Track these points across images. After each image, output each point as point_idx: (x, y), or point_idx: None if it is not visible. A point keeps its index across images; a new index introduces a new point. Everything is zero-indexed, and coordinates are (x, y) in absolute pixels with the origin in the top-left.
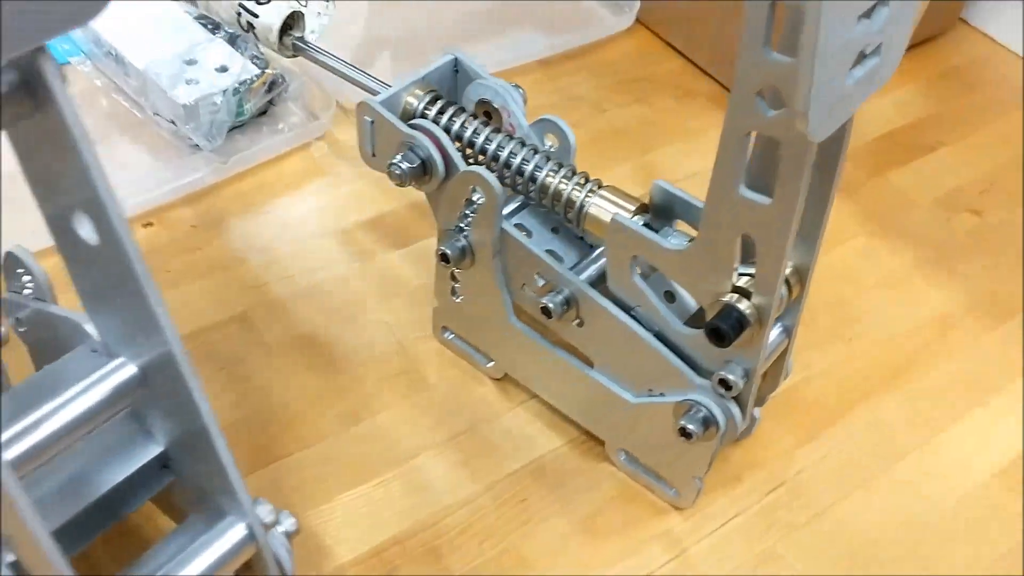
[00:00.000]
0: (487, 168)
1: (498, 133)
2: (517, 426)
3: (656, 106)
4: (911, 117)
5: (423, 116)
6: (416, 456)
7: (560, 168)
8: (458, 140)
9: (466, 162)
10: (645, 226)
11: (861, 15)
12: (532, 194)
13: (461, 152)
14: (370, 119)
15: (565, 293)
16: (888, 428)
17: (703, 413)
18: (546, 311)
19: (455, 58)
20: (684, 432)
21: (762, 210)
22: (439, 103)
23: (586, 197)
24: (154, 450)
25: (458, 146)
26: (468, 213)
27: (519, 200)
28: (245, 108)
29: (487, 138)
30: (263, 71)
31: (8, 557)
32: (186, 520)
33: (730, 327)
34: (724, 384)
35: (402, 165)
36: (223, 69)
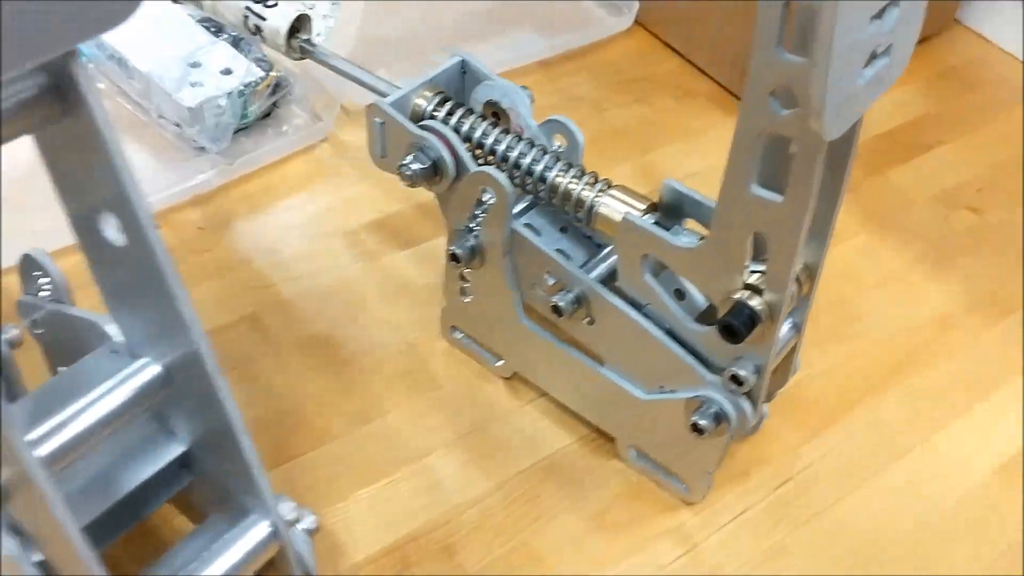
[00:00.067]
0: (497, 168)
1: (507, 134)
2: (527, 424)
3: (656, 106)
4: (910, 116)
5: (432, 117)
6: (427, 455)
7: (570, 168)
8: (467, 141)
9: (475, 163)
10: (656, 225)
11: (873, 16)
12: (542, 194)
13: (470, 153)
14: (380, 120)
15: (576, 292)
16: (890, 425)
17: (715, 409)
18: (557, 310)
19: (463, 60)
20: (696, 428)
21: (774, 208)
22: (448, 104)
23: (596, 197)
24: (176, 449)
25: (467, 147)
26: (478, 213)
27: (527, 200)
28: (249, 110)
29: (496, 139)
30: (267, 73)
31: (35, 556)
32: (207, 519)
33: (742, 324)
34: (735, 380)
35: (413, 166)
36: (227, 72)
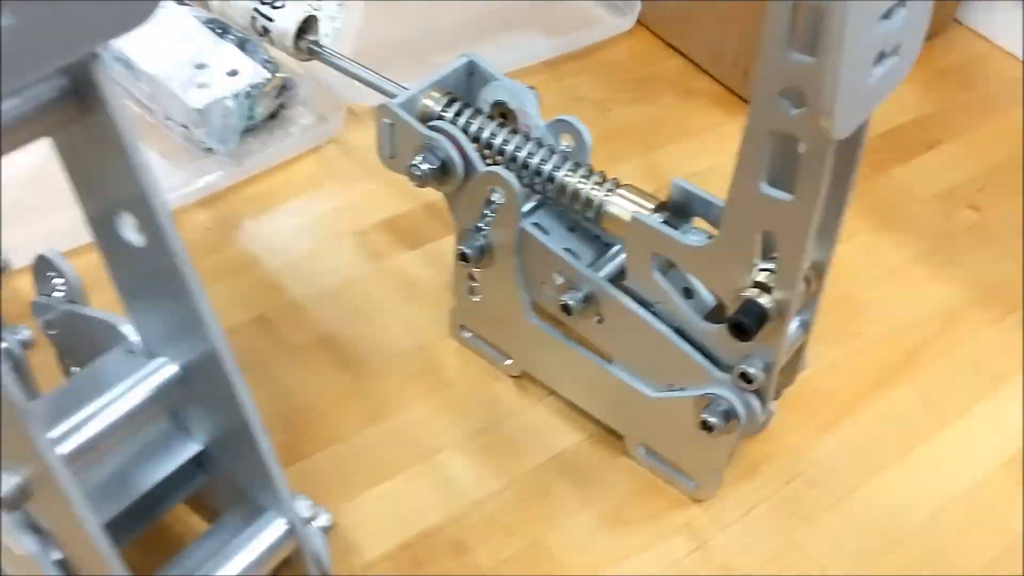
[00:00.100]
0: (506, 168)
1: (515, 134)
2: (536, 422)
3: (658, 106)
4: (910, 115)
5: (440, 118)
6: (438, 453)
7: (578, 168)
8: (476, 141)
9: (484, 163)
10: (664, 224)
11: (882, 15)
12: (550, 194)
13: (479, 153)
14: (389, 121)
15: (585, 290)
16: (897, 420)
17: (724, 406)
18: (566, 308)
19: (470, 60)
20: (706, 425)
21: (783, 206)
22: (456, 105)
23: (605, 196)
24: (192, 448)
25: (476, 147)
26: (487, 213)
27: (535, 199)
28: (256, 112)
29: (505, 139)
30: (273, 75)
31: (54, 555)
32: (221, 518)
33: (752, 321)
34: (745, 378)
35: (422, 166)
36: (233, 73)
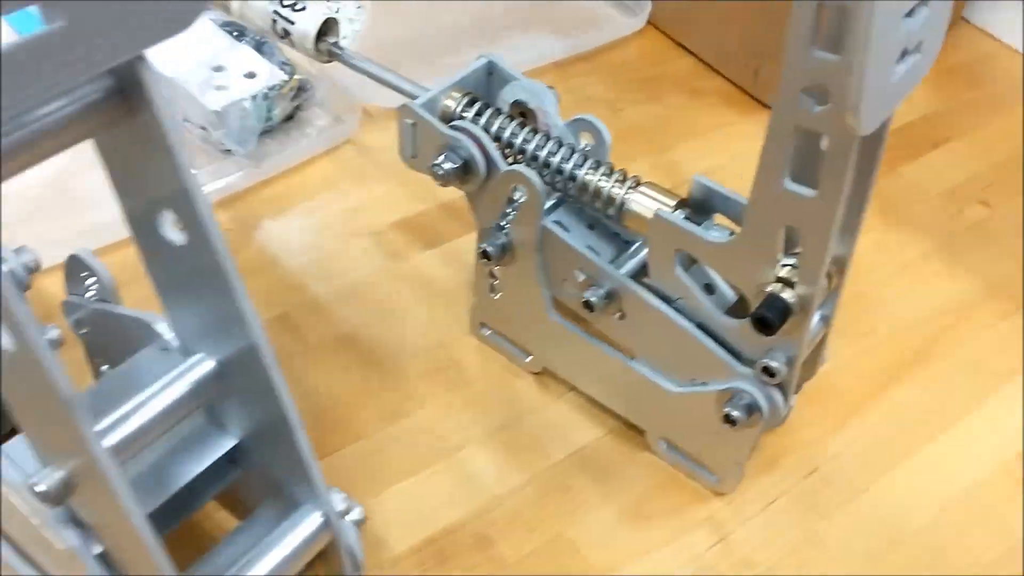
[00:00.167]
0: (527, 167)
1: (536, 133)
2: (557, 418)
3: (670, 105)
4: (919, 112)
5: (461, 118)
6: (461, 449)
7: (599, 166)
8: (497, 140)
9: (505, 162)
10: (686, 220)
11: (905, 14)
12: (571, 192)
13: (500, 152)
14: (411, 121)
15: (607, 287)
16: (913, 414)
17: (747, 400)
18: (588, 305)
19: (489, 61)
20: (729, 419)
21: (807, 202)
22: (476, 105)
23: (626, 194)
24: (228, 443)
25: (497, 146)
26: (509, 211)
27: (555, 197)
28: (273, 113)
29: (525, 138)
30: (290, 76)
31: (96, 548)
32: (255, 512)
33: (776, 316)
34: (768, 372)
35: (445, 166)
36: (251, 75)
